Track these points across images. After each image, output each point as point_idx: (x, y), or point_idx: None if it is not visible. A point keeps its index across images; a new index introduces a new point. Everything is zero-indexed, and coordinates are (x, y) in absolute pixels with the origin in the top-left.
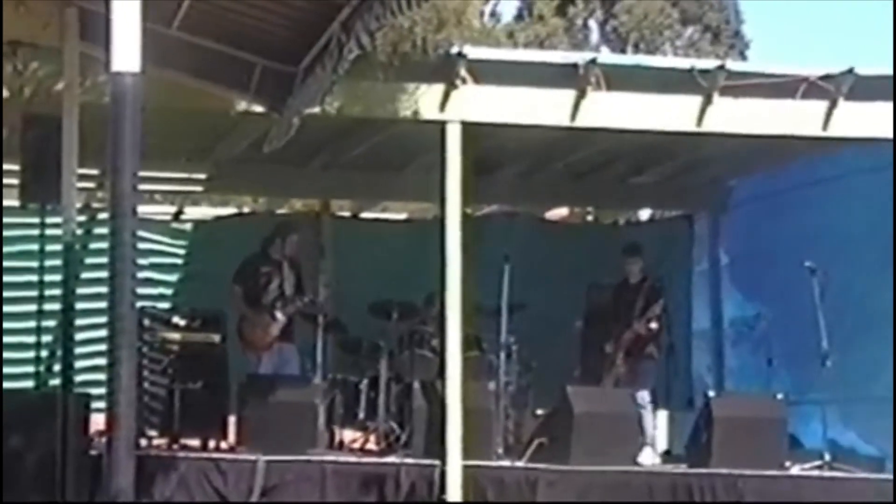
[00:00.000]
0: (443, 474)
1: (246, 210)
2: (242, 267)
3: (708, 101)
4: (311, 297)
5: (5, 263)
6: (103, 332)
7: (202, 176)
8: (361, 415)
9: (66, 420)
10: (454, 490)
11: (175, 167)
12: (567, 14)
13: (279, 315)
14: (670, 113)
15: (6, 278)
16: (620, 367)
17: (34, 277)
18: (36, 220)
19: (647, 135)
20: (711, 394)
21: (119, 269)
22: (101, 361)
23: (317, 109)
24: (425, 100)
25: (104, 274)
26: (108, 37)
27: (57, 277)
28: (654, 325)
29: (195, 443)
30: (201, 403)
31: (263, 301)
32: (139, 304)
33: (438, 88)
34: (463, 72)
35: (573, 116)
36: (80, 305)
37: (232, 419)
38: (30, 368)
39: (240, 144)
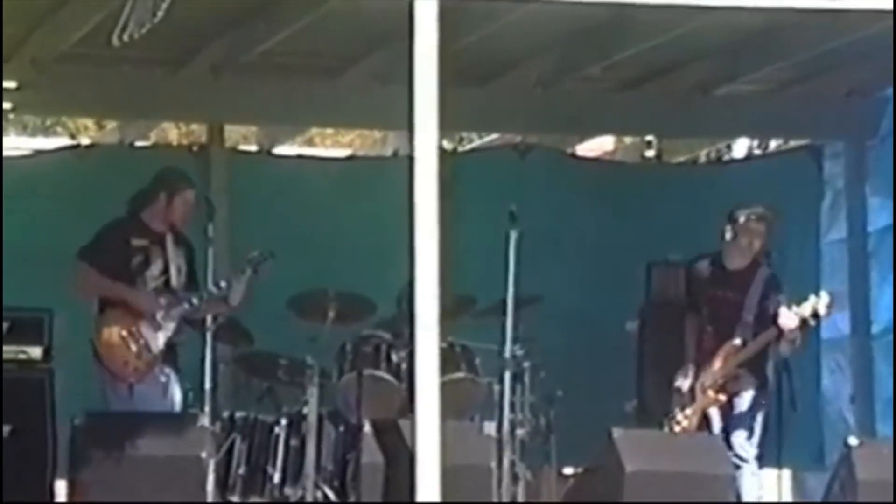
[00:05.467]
0: None
1: (85, 141)
2: (103, 237)
3: None
4: (213, 288)
5: None
6: None
7: (10, 85)
8: (277, 477)
9: None
10: None
11: None
12: None
13: (163, 319)
14: None
15: None
16: (717, 397)
17: None
18: None
19: (746, 14)
20: (853, 441)
21: None
22: None
23: None
24: None
25: None
26: None
27: None
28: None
29: None
30: (11, 459)
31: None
32: None
33: None
34: None
35: None
36: None
37: (61, 485)
38: None
39: (72, 33)
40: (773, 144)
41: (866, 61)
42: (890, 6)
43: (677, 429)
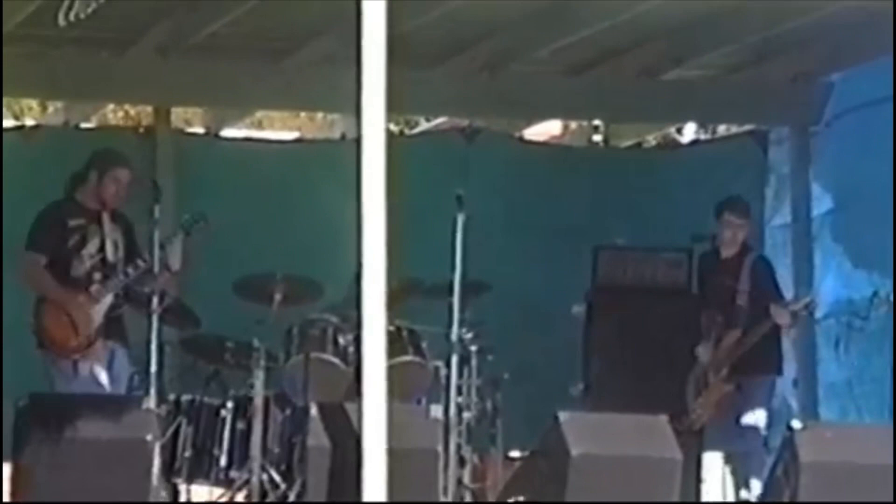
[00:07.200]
0: None
1: (29, 122)
2: (40, 222)
3: None
4: (145, 260)
5: None
6: None
7: None
8: (223, 460)
9: None
10: None
11: None
12: None
13: (98, 293)
14: None
15: None
16: (725, 386)
17: None
18: None
19: None
20: (797, 424)
21: None
22: None
23: None
24: None
25: None
26: None
27: None
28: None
29: None
30: None
31: (74, 273)
32: None
33: None
34: None
35: None
36: None
37: (6, 469)
38: None
39: (17, 13)
40: (721, 129)
41: (811, 47)
42: None
43: (694, 417)
